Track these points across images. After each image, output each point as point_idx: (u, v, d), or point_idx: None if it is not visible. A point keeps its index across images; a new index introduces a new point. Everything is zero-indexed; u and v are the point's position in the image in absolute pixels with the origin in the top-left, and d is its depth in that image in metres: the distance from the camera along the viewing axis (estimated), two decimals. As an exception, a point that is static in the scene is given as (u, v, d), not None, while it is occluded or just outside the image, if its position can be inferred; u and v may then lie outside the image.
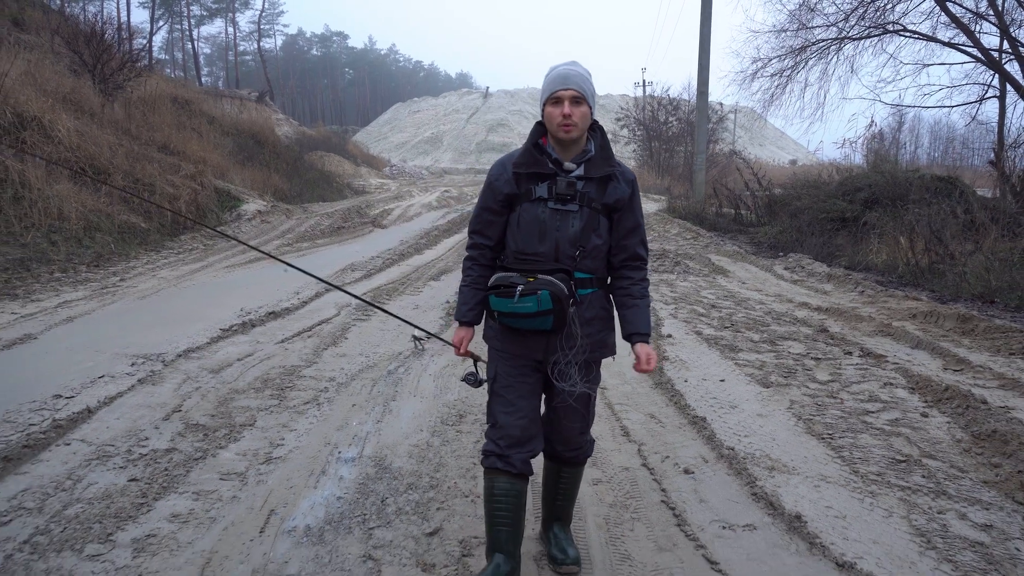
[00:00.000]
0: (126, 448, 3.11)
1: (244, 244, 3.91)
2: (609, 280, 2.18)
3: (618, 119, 32.37)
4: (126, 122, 12.87)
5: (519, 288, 1.93)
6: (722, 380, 4.31)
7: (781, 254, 10.20)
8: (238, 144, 17.22)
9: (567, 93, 1.97)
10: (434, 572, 2.26)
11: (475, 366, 2.27)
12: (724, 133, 30.66)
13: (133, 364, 4.28)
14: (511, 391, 2.10)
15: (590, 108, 2.01)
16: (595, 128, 2.10)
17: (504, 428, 2.07)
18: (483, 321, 2.19)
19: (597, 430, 3.40)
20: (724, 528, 2.57)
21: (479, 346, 2.23)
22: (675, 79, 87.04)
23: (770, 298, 6.91)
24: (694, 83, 17.43)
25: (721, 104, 28.42)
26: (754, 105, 16.03)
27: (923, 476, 2.99)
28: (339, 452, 3.15)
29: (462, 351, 2.19)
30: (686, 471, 3.04)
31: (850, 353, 4.84)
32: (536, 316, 1.94)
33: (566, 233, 2.01)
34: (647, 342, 2.10)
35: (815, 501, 2.77)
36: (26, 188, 8.27)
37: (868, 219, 10.60)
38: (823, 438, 3.41)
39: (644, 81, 37.90)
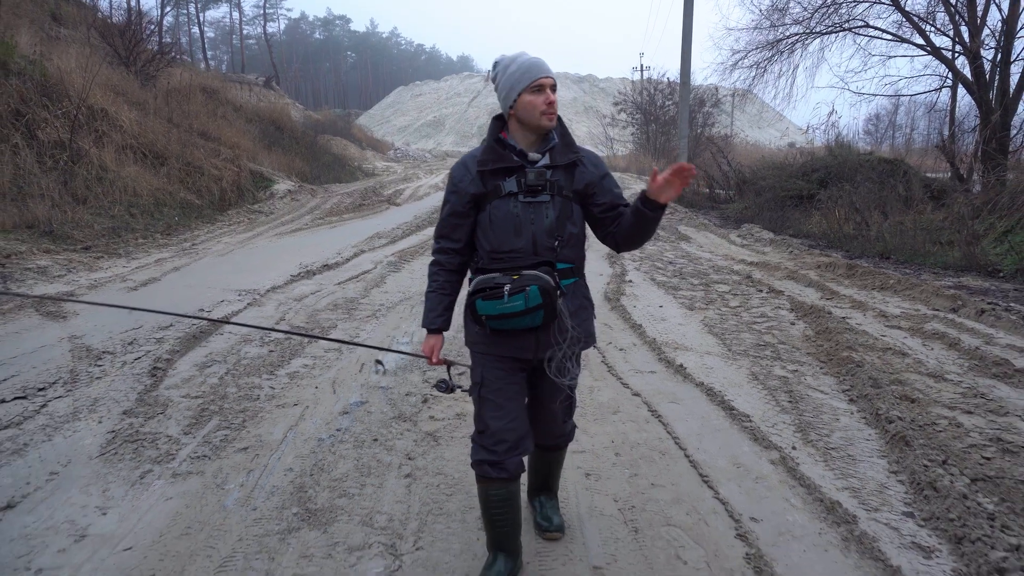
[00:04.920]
0: (258, 336, 4.81)
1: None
2: (604, 236, 2.12)
3: (616, 103, 33.77)
4: (167, 111, 14.45)
5: (507, 287, 1.88)
6: (660, 306, 6.00)
7: (743, 225, 11.84)
8: (261, 130, 18.81)
9: (548, 80, 1.95)
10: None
11: (448, 372, 2.17)
12: (721, 116, 31.60)
13: (239, 295, 5.98)
14: (500, 395, 2.04)
15: None
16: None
17: (497, 434, 2.02)
18: (465, 326, 2.11)
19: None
20: (637, 372, 4.27)
21: (450, 352, 2.51)
22: (671, 64, 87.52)
23: (718, 257, 8.59)
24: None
25: (716, 88, 29.39)
26: (739, 86, 17.48)
27: (771, 352, 4.68)
28: (397, 339, 4.85)
29: (435, 360, 2.14)
30: (620, 349, 4.74)
31: (760, 290, 6.53)
32: (525, 314, 1.89)
33: (541, 225, 1.96)
34: None
35: (696, 362, 4.46)
36: (105, 170, 9.93)
37: (821, 196, 12.26)
38: (717, 335, 5.10)
39: (642, 66, 39.32)
